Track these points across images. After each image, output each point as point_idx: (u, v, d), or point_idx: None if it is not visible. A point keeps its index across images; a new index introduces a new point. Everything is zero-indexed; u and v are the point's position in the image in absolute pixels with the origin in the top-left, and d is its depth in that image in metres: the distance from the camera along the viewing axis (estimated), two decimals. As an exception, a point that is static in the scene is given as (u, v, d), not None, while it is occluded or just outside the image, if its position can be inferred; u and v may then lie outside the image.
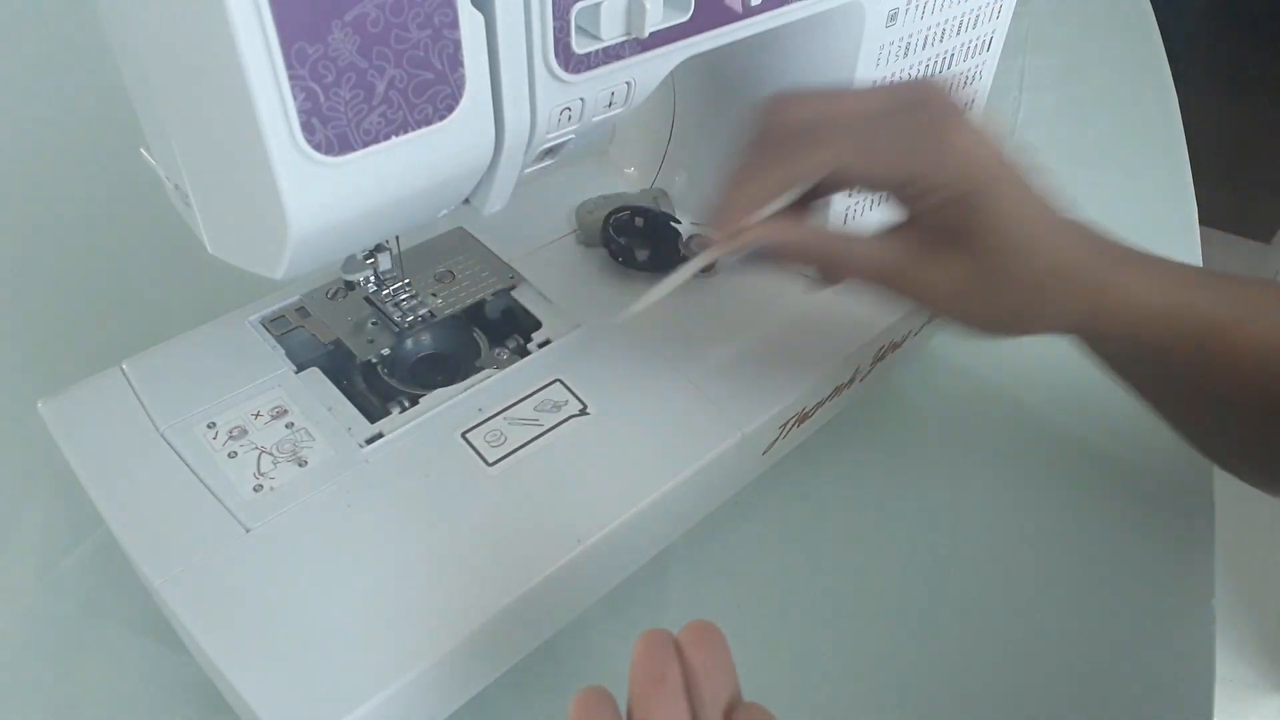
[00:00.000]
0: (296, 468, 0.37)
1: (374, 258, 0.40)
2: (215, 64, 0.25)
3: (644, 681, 0.26)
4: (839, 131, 0.34)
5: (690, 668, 0.26)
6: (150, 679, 0.38)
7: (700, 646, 0.27)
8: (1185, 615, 0.43)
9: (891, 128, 0.34)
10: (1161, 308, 0.37)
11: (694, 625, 0.27)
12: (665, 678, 0.26)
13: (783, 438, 0.45)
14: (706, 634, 0.27)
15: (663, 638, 0.27)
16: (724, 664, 0.27)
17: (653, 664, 0.26)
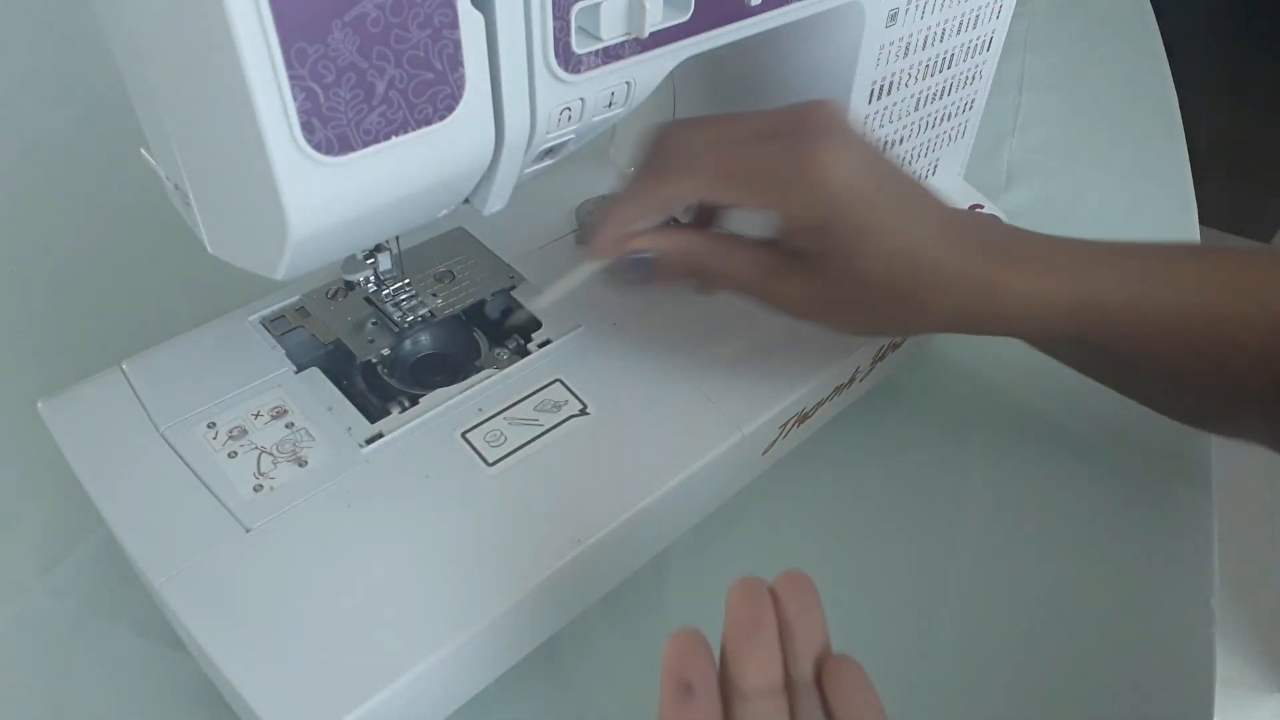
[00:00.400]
0: (296, 468, 0.37)
1: (374, 258, 0.40)
2: (215, 64, 0.25)
3: (741, 626, 0.27)
4: (702, 160, 0.35)
5: (785, 616, 0.27)
6: (150, 679, 0.38)
7: (794, 596, 0.28)
8: (1185, 615, 0.43)
9: (755, 156, 0.35)
10: (1058, 300, 0.37)
11: (789, 575, 0.28)
12: (761, 623, 0.27)
13: (783, 438, 0.45)
14: (800, 583, 0.28)
15: (759, 586, 0.28)
16: (816, 615, 0.28)
17: (749, 611, 0.27)
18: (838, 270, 0.36)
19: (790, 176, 0.34)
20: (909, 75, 0.46)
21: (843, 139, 0.35)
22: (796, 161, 0.34)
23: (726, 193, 0.35)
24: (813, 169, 0.34)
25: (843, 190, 0.34)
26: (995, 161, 0.71)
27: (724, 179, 0.35)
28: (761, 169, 0.35)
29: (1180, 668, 0.41)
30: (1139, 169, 0.72)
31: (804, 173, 0.34)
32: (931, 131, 0.52)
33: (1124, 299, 0.38)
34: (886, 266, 0.36)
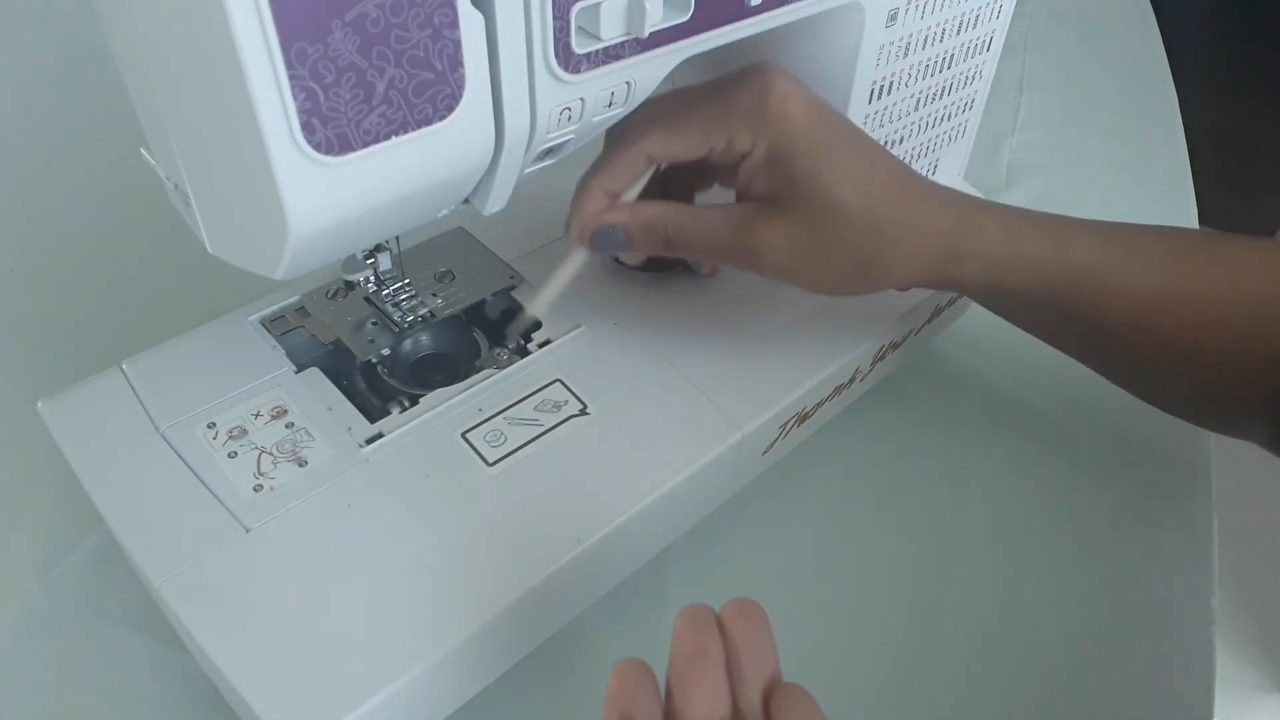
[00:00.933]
0: (296, 468, 0.37)
1: (374, 258, 0.40)
2: (215, 64, 0.25)
3: (685, 655, 0.26)
4: (647, 125, 0.36)
5: (732, 644, 0.26)
6: (150, 679, 0.38)
7: (742, 623, 0.27)
8: (1185, 615, 0.43)
9: (706, 103, 0.36)
10: (1023, 257, 0.38)
11: (736, 602, 0.27)
12: (707, 652, 0.26)
13: (783, 438, 0.45)
14: (748, 611, 0.27)
15: (705, 613, 0.27)
16: (765, 642, 0.27)
17: (695, 638, 0.26)
18: (807, 206, 0.36)
19: (739, 109, 0.35)
20: (909, 75, 0.46)
21: (787, 78, 0.36)
22: (743, 96, 0.35)
23: (681, 143, 0.36)
24: (760, 99, 0.35)
25: (794, 116, 0.35)
26: (995, 161, 0.71)
27: (675, 130, 0.36)
28: (716, 110, 0.35)
29: (1180, 668, 0.41)
30: (1139, 169, 0.72)
31: (752, 103, 0.35)
32: (931, 131, 0.52)
33: (1102, 265, 0.38)
34: (855, 197, 0.36)
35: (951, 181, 0.57)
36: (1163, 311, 0.39)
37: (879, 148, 0.38)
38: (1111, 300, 0.39)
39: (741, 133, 0.35)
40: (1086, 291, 0.39)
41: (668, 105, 0.37)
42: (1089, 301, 0.39)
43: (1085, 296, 0.39)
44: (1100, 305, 0.39)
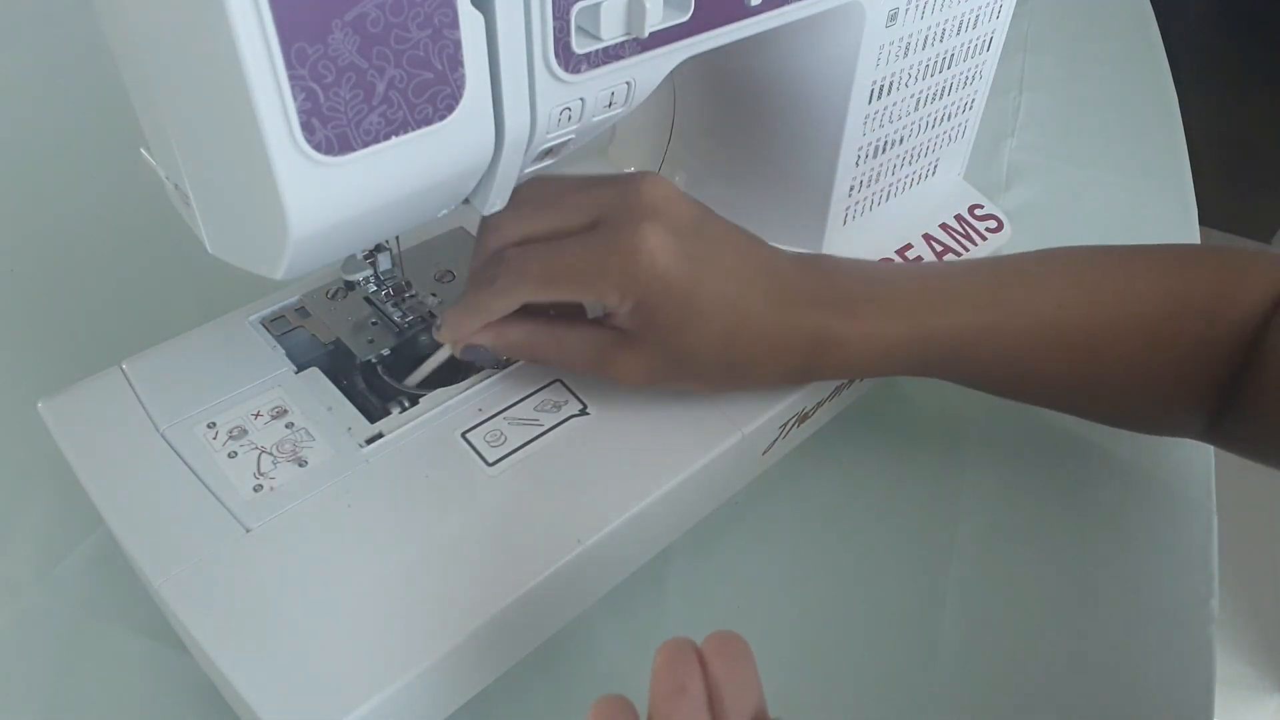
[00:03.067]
0: (296, 468, 0.37)
1: (374, 258, 0.40)
2: (215, 64, 0.25)
3: (665, 692, 0.25)
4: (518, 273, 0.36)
5: (713, 679, 0.26)
6: (150, 679, 0.38)
7: (723, 657, 0.26)
8: (1185, 615, 0.43)
9: (573, 254, 0.36)
10: (900, 341, 0.39)
11: (717, 636, 0.27)
12: (686, 689, 0.25)
13: (783, 438, 0.45)
14: (730, 645, 0.27)
15: (685, 648, 0.26)
16: (748, 676, 0.26)
17: (674, 675, 0.25)
18: (666, 345, 0.38)
19: (608, 270, 0.36)
20: (909, 75, 0.46)
21: (657, 219, 0.36)
22: (613, 256, 0.36)
23: (550, 293, 0.37)
24: (629, 261, 0.35)
25: (662, 274, 0.36)
26: (995, 161, 0.71)
27: (545, 282, 0.36)
28: (581, 267, 0.36)
29: (1180, 668, 0.41)
30: (1139, 169, 0.72)
31: (621, 265, 0.35)
32: (931, 131, 0.52)
33: (973, 329, 0.40)
34: (711, 339, 0.37)
35: (951, 181, 0.57)
36: (1049, 353, 0.40)
37: (751, 265, 0.39)
38: (990, 357, 0.40)
39: (609, 292, 0.36)
40: (962, 357, 0.41)
41: (539, 240, 0.37)
42: (966, 363, 0.41)
43: (961, 361, 0.41)
44: (981, 361, 0.41)
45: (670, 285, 0.36)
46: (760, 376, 0.40)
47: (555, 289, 0.36)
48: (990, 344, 0.40)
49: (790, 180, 0.49)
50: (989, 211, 0.55)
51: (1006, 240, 0.54)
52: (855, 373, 0.41)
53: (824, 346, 0.39)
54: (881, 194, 0.51)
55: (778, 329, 0.38)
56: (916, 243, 0.52)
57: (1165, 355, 0.39)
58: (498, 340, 0.39)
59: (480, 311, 0.38)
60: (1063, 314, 0.40)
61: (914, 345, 0.40)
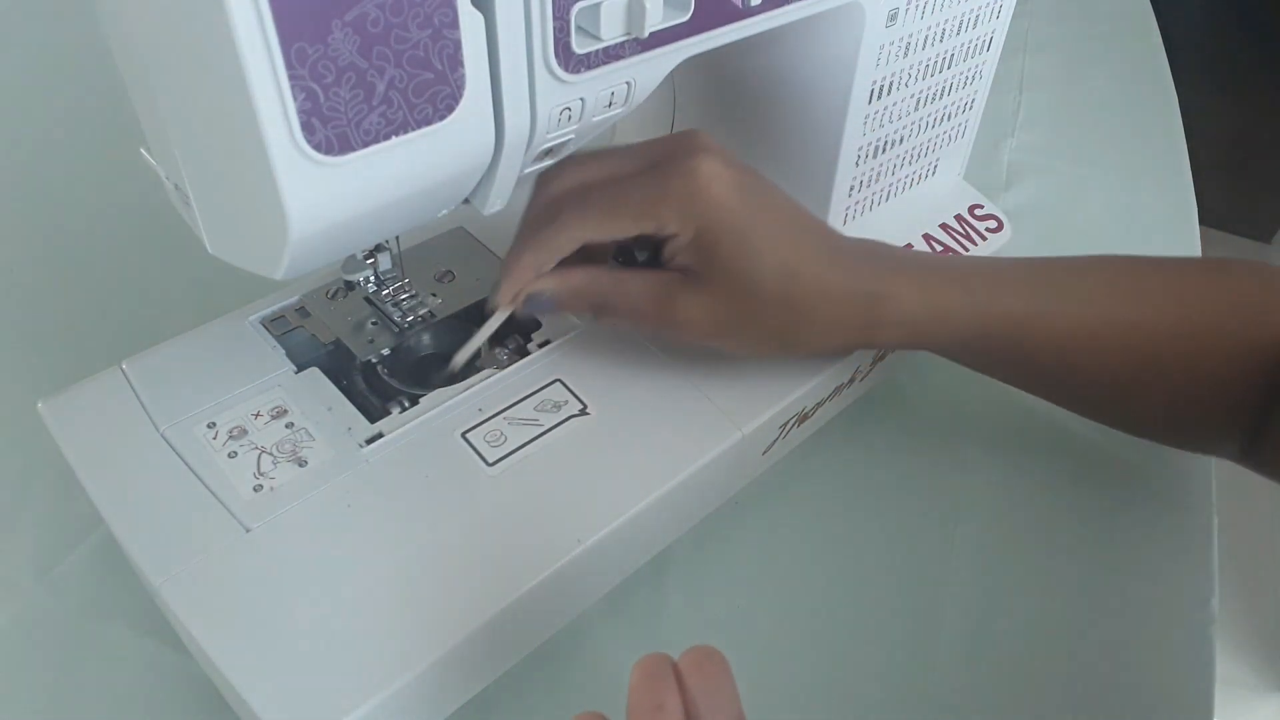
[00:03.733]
0: (296, 468, 0.37)
1: (374, 258, 0.40)
2: (215, 64, 0.25)
3: (642, 710, 0.25)
4: (580, 208, 0.36)
5: (690, 695, 0.25)
6: (150, 679, 0.38)
7: (700, 673, 0.26)
8: (1185, 615, 0.43)
9: (634, 187, 0.36)
10: (943, 319, 0.39)
11: (694, 651, 0.27)
12: (664, 707, 0.25)
13: (783, 438, 0.45)
14: (707, 660, 0.26)
15: (661, 664, 0.26)
16: (726, 691, 0.26)
17: (652, 692, 0.25)
18: (727, 284, 0.37)
19: (669, 195, 0.36)
20: (909, 75, 0.46)
21: (715, 157, 0.36)
22: (673, 180, 0.36)
23: (613, 227, 0.37)
24: (689, 184, 0.36)
25: (721, 200, 0.36)
26: (995, 161, 0.71)
27: (608, 215, 0.36)
28: (641, 196, 0.36)
29: (1180, 668, 0.41)
30: (1139, 169, 0.72)
31: (682, 189, 0.36)
32: (931, 131, 0.52)
33: (1024, 309, 0.40)
34: (774, 275, 0.37)
35: (951, 181, 0.57)
36: (1097, 348, 0.40)
37: (804, 218, 0.39)
38: (1040, 344, 0.40)
39: (670, 218, 0.36)
40: (1013, 340, 0.40)
41: (598, 183, 0.37)
42: (1017, 348, 0.41)
43: (1012, 344, 0.40)
44: (1029, 350, 0.41)
45: (730, 211, 0.36)
46: (819, 333, 0.39)
47: (618, 222, 0.36)
48: (1041, 329, 0.39)
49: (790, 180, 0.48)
50: (989, 211, 0.55)
51: (1006, 240, 0.54)
52: (911, 338, 0.40)
53: (882, 303, 0.38)
54: (881, 194, 0.51)
55: (837, 279, 0.38)
56: (916, 243, 0.52)
57: (1212, 358, 0.39)
58: (561, 285, 0.38)
59: (541, 250, 0.37)
60: (1113, 311, 0.40)
61: (969, 318, 0.39)
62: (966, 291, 0.39)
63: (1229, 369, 0.39)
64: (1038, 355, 0.41)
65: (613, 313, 0.39)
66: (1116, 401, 0.43)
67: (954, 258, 0.42)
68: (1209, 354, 0.39)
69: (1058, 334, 0.40)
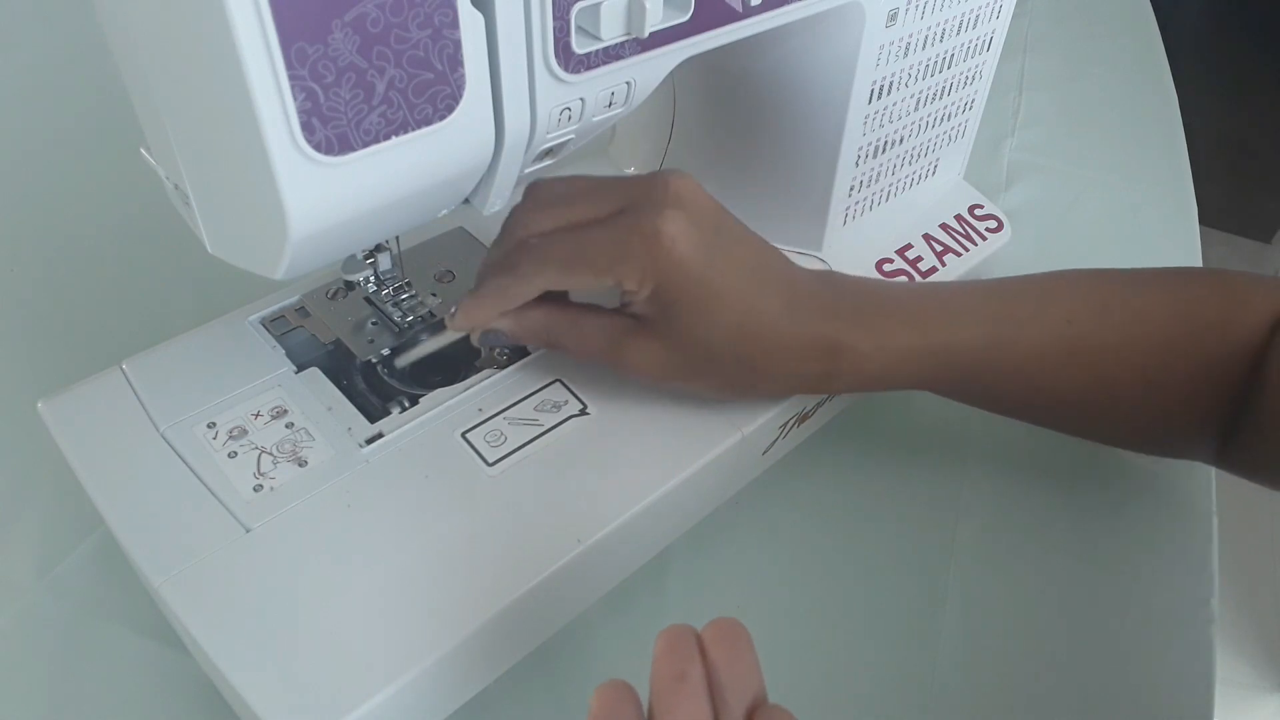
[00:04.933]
0: (296, 468, 0.37)
1: (374, 258, 0.40)
2: (215, 64, 0.25)
3: (665, 679, 0.26)
4: (540, 260, 0.37)
5: (713, 666, 0.26)
6: (150, 679, 0.38)
7: (723, 644, 0.26)
8: (1185, 615, 0.43)
9: (596, 238, 0.36)
10: (909, 353, 0.39)
11: (718, 623, 0.27)
12: (686, 675, 0.25)
13: (783, 438, 0.45)
14: (731, 631, 0.27)
15: (685, 634, 0.26)
16: (748, 663, 0.27)
17: (674, 661, 0.26)
18: (681, 338, 0.38)
19: (629, 255, 0.36)
20: (909, 75, 0.46)
21: (681, 208, 0.36)
22: (634, 239, 0.36)
23: (570, 281, 0.37)
24: (651, 246, 0.35)
25: (681, 261, 0.36)
26: (995, 161, 0.71)
27: (566, 269, 0.36)
28: (600, 253, 0.36)
29: (1180, 668, 0.41)
30: (1139, 169, 0.72)
31: (642, 250, 0.35)
32: (931, 131, 0.52)
33: (980, 342, 0.40)
34: (728, 334, 0.37)
35: (951, 181, 0.57)
36: (1058, 371, 0.40)
37: (766, 269, 0.39)
38: (1000, 373, 0.41)
39: (629, 276, 0.36)
40: (971, 373, 0.41)
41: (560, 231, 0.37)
42: (975, 380, 0.41)
43: (970, 377, 0.41)
44: (988, 380, 0.41)
45: (689, 273, 0.36)
46: (774, 384, 0.40)
47: (577, 273, 0.36)
48: (1000, 359, 0.40)
49: (790, 180, 0.49)
50: (989, 211, 0.55)
51: (1006, 240, 0.54)
52: (869, 384, 0.40)
53: (838, 354, 0.39)
54: (881, 194, 0.51)
55: (793, 334, 0.38)
56: (916, 243, 0.52)
57: (1175, 373, 0.39)
58: (516, 325, 0.39)
59: (501, 297, 0.38)
60: (1073, 330, 0.40)
61: (925, 357, 0.40)
62: (921, 334, 0.39)
63: (1193, 382, 0.40)
64: (998, 384, 0.41)
65: (565, 349, 0.40)
66: (1084, 418, 0.43)
67: (911, 289, 0.42)
68: (1170, 368, 0.40)
69: (1016, 361, 0.40)
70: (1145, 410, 0.41)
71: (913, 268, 0.51)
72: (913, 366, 0.40)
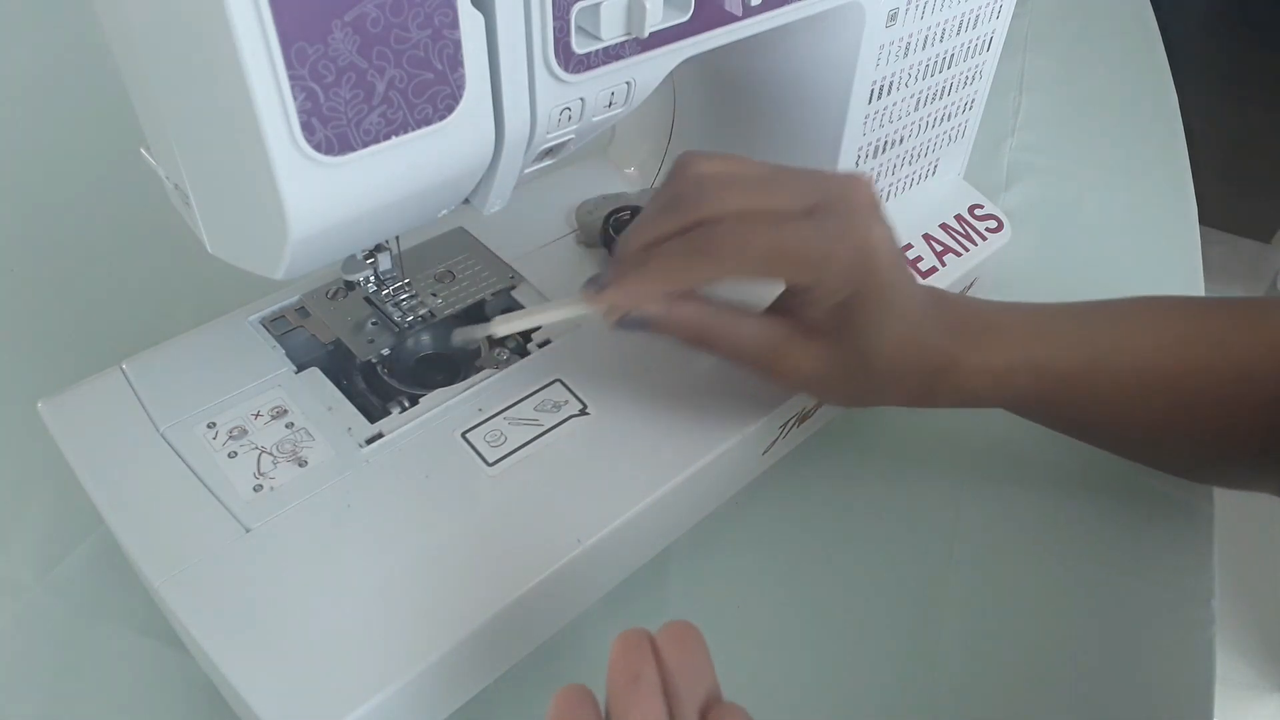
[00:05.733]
0: (296, 468, 0.37)
1: (374, 258, 0.40)
2: (215, 64, 0.25)
3: (620, 680, 0.26)
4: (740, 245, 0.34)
5: (667, 668, 0.26)
6: (150, 679, 0.38)
7: (677, 646, 0.27)
8: (1185, 615, 0.43)
9: (793, 237, 0.34)
10: (1012, 371, 0.40)
11: (672, 626, 0.27)
12: (641, 676, 0.26)
13: (783, 438, 0.45)
14: (684, 634, 0.27)
15: (639, 638, 0.27)
16: (701, 664, 0.27)
17: (629, 663, 0.26)
18: (854, 348, 0.37)
19: (838, 257, 0.34)
20: (909, 75, 0.46)
21: (883, 221, 0.35)
22: (844, 242, 0.34)
23: (769, 273, 0.35)
24: (861, 250, 0.34)
25: (882, 269, 0.35)
26: (995, 161, 0.71)
27: (768, 261, 0.34)
28: (808, 250, 0.34)
29: (1180, 668, 0.41)
30: (1139, 169, 0.72)
31: (853, 254, 0.34)
32: (931, 131, 0.52)
33: (1076, 364, 0.40)
34: (892, 344, 0.37)
35: (951, 181, 0.57)
36: (1138, 397, 0.41)
37: (918, 286, 0.39)
38: (1087, 396, 0.41)
39: (834, 280, 0.34)
40: (1064, 396, 0.41)
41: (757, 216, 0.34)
42: (1068, 404, 0.41)
43: (1063, 400, 0.41)
44: (1079, 402, 0.41)
45: (888, 283, 0.35)
46: (900, 388, 0.39)
47: (777, 269, 0.34)
48: (1095, 382, 0.40)
49: (790, 180, 0.49)
50: (989, 211, 0.55)
51: (1006, 240, 0.54)
52: (965, 400, 0.40)
53: (944, 373, 0.39)
54: (881, 194, 0.51)
55: (929, 341, 0.38)
56: (916, 243, 0.52)
57: (1246, 405, 0.40)
58: (669, 315, 0.36)
59: (677, 277, 0.35)
60: (1160, 357, 0.40)
61: (1025, 376, 0.40)
62: (1025, 353, 0.40)
63: (1266, 412, 0.39)
64: (1090, 408, 0.42)
65: (715, 348, 0.37)
66: (1152, 444, 0.44)
67: (1009, 308, 0.41)
68: (1245, 398, 0.40)
69: (1110, 385, 0.40)
70: (1226, 437, 0.41)
71: (913, 268, 0.51)
72: (1011, 385, 0.40)
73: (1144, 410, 0.41)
